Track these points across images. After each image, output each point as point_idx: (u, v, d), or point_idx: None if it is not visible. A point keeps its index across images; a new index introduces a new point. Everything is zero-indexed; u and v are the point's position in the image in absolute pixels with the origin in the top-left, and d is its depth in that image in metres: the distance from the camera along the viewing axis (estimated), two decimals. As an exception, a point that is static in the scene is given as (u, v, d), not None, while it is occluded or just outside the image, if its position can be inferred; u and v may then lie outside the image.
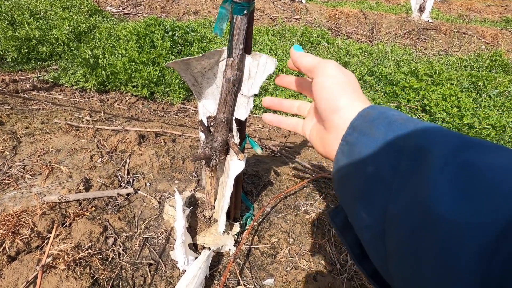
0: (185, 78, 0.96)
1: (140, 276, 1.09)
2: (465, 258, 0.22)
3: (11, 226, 1.10)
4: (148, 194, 1.40)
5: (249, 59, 0.82)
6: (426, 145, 0.29)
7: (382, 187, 0.31)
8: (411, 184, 0.28)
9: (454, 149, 0.27)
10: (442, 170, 0.25)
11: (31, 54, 3.32)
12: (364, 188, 0.34)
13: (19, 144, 1.59)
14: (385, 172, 0.31)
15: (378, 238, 0.31)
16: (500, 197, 0.22)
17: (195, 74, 0.95)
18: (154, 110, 2.98)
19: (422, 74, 3.53)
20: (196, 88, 1.01)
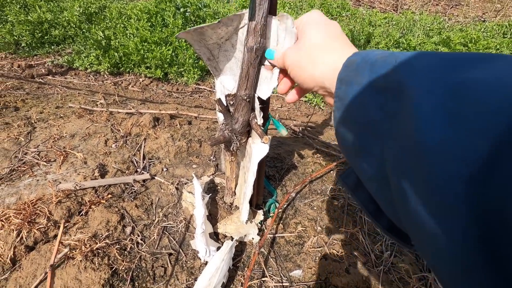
0: (199, 51, 0.84)
1: (160, 266, 1.04)
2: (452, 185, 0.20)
3: (27, 215, 1.07)
4: (165, 179, 1.33)
5: (275, 21, 0.67)
6: (406, 77, 0.26)
7: (375, 132, 0.30)
8: (399, 122, 0.27)
9: (437, 72, 0.24)
10: (426, 98, 0.23)
11: (44, 38, 3.27)
12: (361, 139, 0.33)
13: (34, 130, 1.55)
14: (375, 116, 0.30)
15: (384, 186, 0.30)
16: (487, 115, 0.19)
17: (211, 46, 0.83)
18: (169, 92, 2.89)
19: (456, 43, 3.21)
20: (212, 63, 0.89)
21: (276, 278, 1.04)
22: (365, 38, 3.43)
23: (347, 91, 0.35)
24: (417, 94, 0.24)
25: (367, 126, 0.31)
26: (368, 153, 0.32)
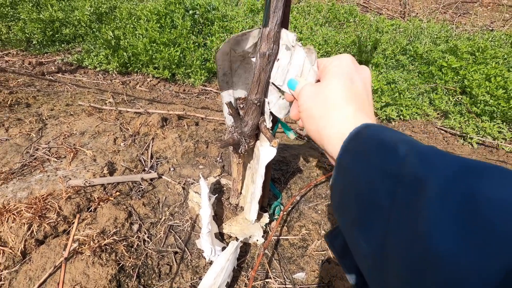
0: (221, 65, 0.85)
1: (165, 264, 1.06)
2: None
3: (38, 210, 1.09)
4: (172, 179, 1.35)
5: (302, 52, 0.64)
6: (423, 174, 0.26)
7: (380, 215, 0.30)
8: (409, 216, 0.26)
9: (453, 176, 0.24)
10: (441, 202, 0.23)
11: (55, 37, 3.33)
12: (362, 215, 0.32)
13: (45, 126, 1.59)
14: (382, 200, 0.29)
15: (377, 269, 0.29)
16: (496, 240, 0.20)
17: (234, 58, 0.84)
18: (176, 92, 2.93)
19: (463, 52, 3.21)
20: (225, 78, 0.90)
21: (280, 280, 1.05)
22: (372, 45, 3.45)
23: (353, 163, 0.34)
24: (435, 193, 0.24)
25: (372, 205, 0.30)
26: (367, 230, 0.31)
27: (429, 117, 2.91)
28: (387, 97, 2.86)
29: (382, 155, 0.32)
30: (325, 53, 3.30)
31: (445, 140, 2.70)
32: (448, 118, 2.89)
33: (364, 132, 0.36)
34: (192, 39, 3.21)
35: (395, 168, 0.29)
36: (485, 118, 2.80)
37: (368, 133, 0.35)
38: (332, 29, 3.83)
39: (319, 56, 3.24)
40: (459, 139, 2.69)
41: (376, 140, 0.34)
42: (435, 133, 2.79)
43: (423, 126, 2.87)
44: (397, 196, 0.28)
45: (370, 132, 0.35)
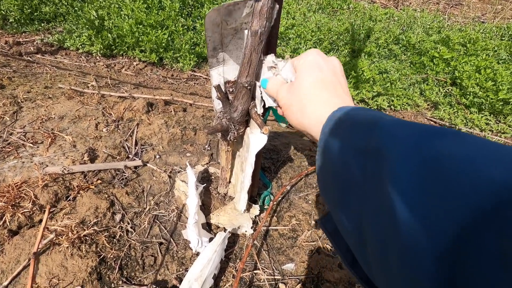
0: (210, 38, 0.78)
1: (150, 255, 1.01)
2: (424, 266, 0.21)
3: (11, 199, 1.02)
4: (158, 167, 1.29)
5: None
6: (384, 145, 0.28)
7: (356, 192, 0.31)
8: (376, 188, 0.27)
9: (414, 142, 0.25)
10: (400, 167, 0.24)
11: (34, 15, 3.12)
12: (341, 194, 0.33)
13: (20, 110, 1.48)
14: (356, 177, 0.31)
15: (360, 243, 0.30)
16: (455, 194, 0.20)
17: (226, 32, 0.77)
18: (163, 77, 2.82)
19: (455, 43, 3.20)
20: (215, 53, 0.84)
21: (268, 271, 1.02)
22: (365, 33, 3.39)
23: (330, 144, 0.36)
24: (395, 160, 0.25)
25: (348, 182, 0.32)
26: (347, 208, 0.33)
27: (420, 107, 2.92)
28: (378, 87, 2.84)
29: (354, 133, 0.33)
30: (317, 40, 3.23)
31: (434, 131, 2.71)
32: (438, 109, 2.90)
33: (338, 115, 0.38)
34: (181, 21, 3.07)
35: (364, 144, 0.31)
36: (474, 109, 2.83)
37: (342, 115, 0.37)
38: (325, 16, 3.75)
39: (311, 43, 3.14)
40: (448, 130, 2.72)
41: (349, 121, 0.36)
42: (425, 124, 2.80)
43: (413, 117, 2.87)
44: (366, 170, 0.29)
45: (345, 114, 0.38)
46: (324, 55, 0.52)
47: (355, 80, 2.90)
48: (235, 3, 0.68)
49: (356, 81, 2.90)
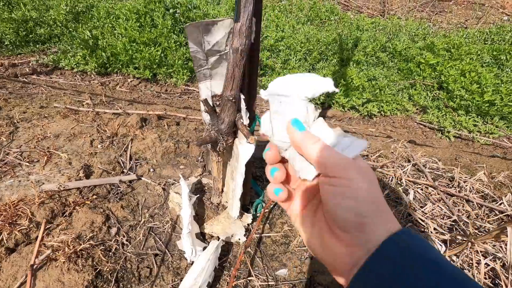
0: (195, 55, 0.84)
1: (145, 267, 1.03)
2: None
3: (8, 217, 1.04)
4: (152, 180, 1.32)
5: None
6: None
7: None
8: None
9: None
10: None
11: (29, 37, 3.20)
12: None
13: (16, 130, 1.52)
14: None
15: None
16: None
17: (210, 52, 0.83)
18: (157, 93, 2.87)
19: (439, 48, 3.31)
20: (201, 69, 0.89)
21: (262, 277, 1.05)
22: (353, 42, 3.50)
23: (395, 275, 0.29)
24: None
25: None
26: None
27: (409, 112, 2.98)
28: (368, 94, 2.91)
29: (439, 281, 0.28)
30: (307, 51, 3.33)
31: (424, 134, 2.77)
32: (427, 113, 2.97)
33: (407, 241, 0.31)
34: (173, 38, 3.16)
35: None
36: (461, 112, 2.90)
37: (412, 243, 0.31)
38: (314, 27, 3.86)
39: (301, 54, 3.23)
40: (437, 133, 2.78)
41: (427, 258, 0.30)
42: (415, 128, 2.86)
43: (403, 121, 2.94)
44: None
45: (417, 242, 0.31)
46: None
47: (345, 88, 2.97)
48: (213, 22, 0.73)
49: (346, 88, 2.97)
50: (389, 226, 0.33)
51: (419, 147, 2.09)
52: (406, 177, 1.44)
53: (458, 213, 1.27)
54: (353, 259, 0.33)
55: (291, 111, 0.39)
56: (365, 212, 0.33)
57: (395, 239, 0.31)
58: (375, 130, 2.69)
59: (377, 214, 0.33)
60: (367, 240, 0.32)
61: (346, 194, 0.33)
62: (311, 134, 0.37)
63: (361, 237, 0.33)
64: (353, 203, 0.33)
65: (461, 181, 1.45)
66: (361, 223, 0.33)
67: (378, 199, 0.34)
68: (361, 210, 0.33)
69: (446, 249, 1.09)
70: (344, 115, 2.94)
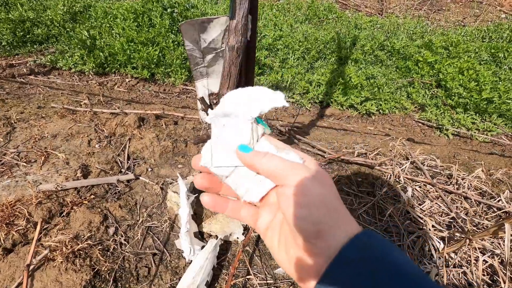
0: (191, 54, 0.84)
1: (144, 266, 1.03)
2: None
3: (5, 217, 1.04)
4: (150, 180, 1.32)
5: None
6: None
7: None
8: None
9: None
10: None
11: (26, 37, 3.19)
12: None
13: (13, 130, 1.51)
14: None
15: None
16: None
17: (206, 50, 0.82)
18: (155, 92, 2.87)
19: (438, 46, 3.31)
20: (198, 67, 0.89)
21: (261, 276, 1.04)
22: (351, 41, 3.50)
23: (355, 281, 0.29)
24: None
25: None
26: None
27: (407, 110, 2.99)
28: (366, 92, 2.91)
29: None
30: (305, 49, 3.32)
31: (423, 132, 2.77)
32: (425, 111, 2.97)
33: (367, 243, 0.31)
34: (171, 38, 3.15)
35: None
36: (459, 110, 2.91)
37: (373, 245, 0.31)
38: (312, 26, 3.86)
39: (299, 53, 3.23)
40: (436, 131, 2.78)
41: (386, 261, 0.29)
42: (413, 126, 2.86)
43: (401, 120, 2.94)
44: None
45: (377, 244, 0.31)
46: None
47: (343, 86, 2.98)
48: (208, 19, 0.73)
49: (344, 87, 2.97)
50: (348, 228, 0.32)
51: (417, 145, 2.09)
52: (405, 175, 1.44)
53: (456, 210, 1.27)
54: (317, 268, 0.32)
55: (235, 134, 0.39)
56: (321, 218, 0.32)
57: (355, 242, 0.31)
58: (374, 128, 2.69)
59: (334, 219, 0.32)
60: (328, 247, 0.32)
61: (300, 202, 0.33)
62: (259, 151, 0.37)
63: (321, 245, 0.32)
64: (307, 212, 0.32)
65: (459, 178, 1.45)
66: (318, 231, 0.32)
67: (333, 203, 0.33)
68: (316, 218, 0.32)
69: (444, 246, 1.09)
70: (343, 113, 2.94)
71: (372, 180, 1.44)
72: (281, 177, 0.34)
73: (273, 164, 0.35)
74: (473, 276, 1.02)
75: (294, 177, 0.33)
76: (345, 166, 1.53)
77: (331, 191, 0.34)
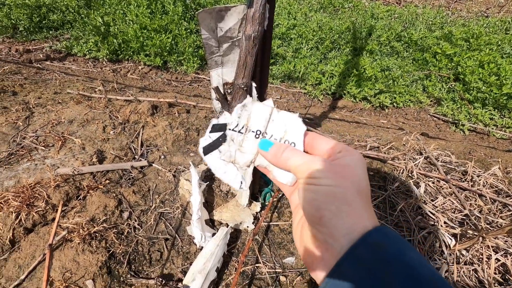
0: (207, 42, 0.83)
1: (156, 251, 1.06)
2: None
3: (26, 198, 1.08)
4: (163, 167, 1.34)
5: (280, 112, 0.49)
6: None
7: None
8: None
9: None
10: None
11: (42, 23, 3.23)
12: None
13: (32, 115, 1.55)
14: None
15: None
16: None
17: (222, 39, 0.82)
18: (168, 80, 2.88)
19: (458, 38, 3.19)
20: (213, 56, 0.88)
21: (270, 265, 1.06)
22: (367, 31, 3.41)
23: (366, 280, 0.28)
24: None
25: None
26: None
27: (422, 104, 2.91)
28: (380, 84, 2.85)
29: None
30: (319, 39, 3.26)
31: (437, 127, 2.71)
32: (441, 105, 2.90)
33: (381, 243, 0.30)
34: (184, 25, 3.14)
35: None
36: (477, 105, 2.81)
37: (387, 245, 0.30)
38: (326, 15, 3.77)
39: (313, 43, 3.17)
40: (451, 126, 2.71)
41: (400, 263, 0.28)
42: (428, 120, 2.80)
43: (416, 113, 2.87)
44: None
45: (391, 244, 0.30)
46: None
47: (357, 78, 2.92)
48: (226, 8, 0.72)
49: (358, 79, 2.91)
50: (357, 221, 0.32)
51: (431, 140, 2.05)
52: (418, 170, 1.42)
53: (470, 208, 1.25)
54: (325, 260, 0.32)
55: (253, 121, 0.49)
56: (324, 205, 0.33)
57: (367, 239, 0.30)
58: (387, 121, 2.64)
59: (339, 208, 0.32)
60: (331, 236, 0.32)
61: (310, 188, 0.34)
62: (278, 146, 0.41)
63: (324, 231, 0.32)
64: (312, 196, 0.34)
65: (474, 175, 1.42)
66: (321, 216, 0.32)
67: (347, 195, 0.33)
68: (320, 203, 0.33)
69: (456, 243, 1.08)
70: (355, 106, 2.90)
71: (384, 174, 1.43)
72: (298, 173, 0.37)
73: (293, 161, 0.38)
74: (484, 274, 1.01)
75: (308, 170, 0.36)
76: (357, 159, 1.52)
77: (348, 185, 0.34)
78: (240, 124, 0.51)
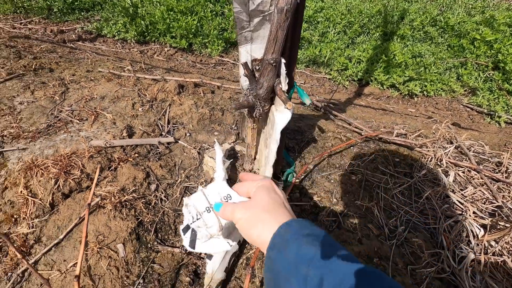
0: (238, 17, 0.83)
1: (181, 222, 1.11)
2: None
3: (63, 166, 1.16)
4: (188, 144, 1.38)
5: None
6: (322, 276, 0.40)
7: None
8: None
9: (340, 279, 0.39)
10: None
11: (75, 4, 3.34)
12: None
13: (67, 90, 1.64)
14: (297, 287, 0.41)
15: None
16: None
17: (254, 13, 0.81)
18: (193, 62, 2.91)
19: (500, 23, 2.95)
20: (243, 31, 0.88)
21: (290, 242, 1.08)
22: (399, 15, 3.24)
23: (277, 256, 0.46)
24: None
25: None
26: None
27: (455, 93, 2.76)
28: (411, 71, 2.72)
29: (297, 252, 0.44)
30: (347, 23, 3.14)
31: (470, 118, 2.57)
32: (476, 95, 2.73)
33: (287, 229, 0.49)
34: (210, 7, 3.13)
35: (304, 268, 0.42)
36: (517, 96, 2.63)
37: (289, 230, 0.48)
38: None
39: (340, 27, 3.06)
40: (486, 117, 2.56)
41: (294, 238, 0.46)
42: (460, 111, 2.66)
43: (447, 103, 2.73)
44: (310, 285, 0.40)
45: (291, 229, 0.49)
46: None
47: (386, 64, 2.80)
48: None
49: (386, 65, 2.80)
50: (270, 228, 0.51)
51: (463, 130, 1.95)
52: (447, 159, 1.37)
53: (502, 200, 1.19)
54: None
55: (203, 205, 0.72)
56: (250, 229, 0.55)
57: (279, 230, 0.50)
58: (415, 110, 2.54)
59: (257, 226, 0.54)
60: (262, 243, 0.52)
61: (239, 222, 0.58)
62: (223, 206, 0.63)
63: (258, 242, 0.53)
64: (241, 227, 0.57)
65: (510, 166, 1.35)
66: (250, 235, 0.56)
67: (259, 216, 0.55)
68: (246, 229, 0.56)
69: (485, 233, 1.04)
70: (382, 93, 2.80)
71: (411, 162, 1.39)
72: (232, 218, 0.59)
73: (227, 212, 0.61)
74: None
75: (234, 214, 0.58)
76: (383, 145, 1.48)
77: (258, 210, 0.56)
78: (194, 216, 0.71)
